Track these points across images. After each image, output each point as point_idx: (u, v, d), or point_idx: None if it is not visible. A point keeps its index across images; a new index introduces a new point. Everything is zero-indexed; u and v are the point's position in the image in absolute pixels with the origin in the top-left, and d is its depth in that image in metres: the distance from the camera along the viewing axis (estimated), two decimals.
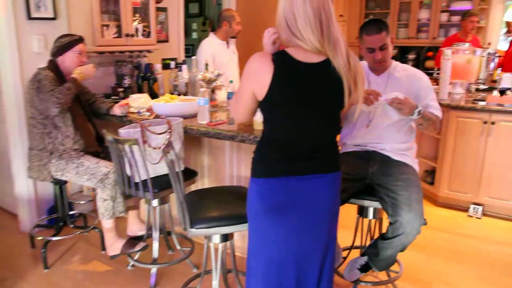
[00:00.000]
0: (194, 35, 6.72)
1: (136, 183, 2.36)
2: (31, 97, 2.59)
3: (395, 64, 2.34)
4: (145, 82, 3.52)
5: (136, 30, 3.58)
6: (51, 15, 3.15)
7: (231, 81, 3.29)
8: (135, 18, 3.56)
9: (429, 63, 6.16)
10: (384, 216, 2.19)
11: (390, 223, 2.01)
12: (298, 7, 1.46)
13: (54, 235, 2.92)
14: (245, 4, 5.25)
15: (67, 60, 2.66)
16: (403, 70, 2.32)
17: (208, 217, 1.94)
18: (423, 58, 6.47)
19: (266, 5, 5.18)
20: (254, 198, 1.65)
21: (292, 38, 1.50)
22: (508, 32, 4.77)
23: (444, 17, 6.21)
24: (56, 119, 2.59)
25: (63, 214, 2.93)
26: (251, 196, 1.67)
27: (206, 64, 3.37)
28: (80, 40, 2.69)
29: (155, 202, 2.54)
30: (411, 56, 6.48)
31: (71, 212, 3.25)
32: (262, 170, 1.62)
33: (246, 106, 1.60)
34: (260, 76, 1.49)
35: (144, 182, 2.33)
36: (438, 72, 3.93)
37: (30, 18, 3.03)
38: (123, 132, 2.32)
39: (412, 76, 2.29)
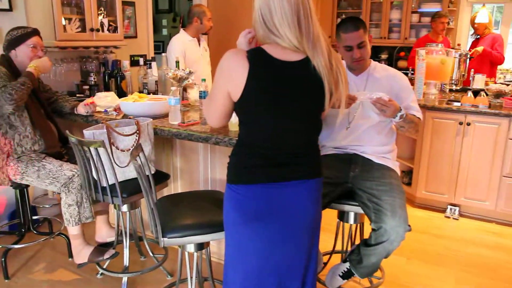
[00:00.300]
0: (164, 32, 6.54)
1: (104, 188, 2.21)
2: None
3: (374, 64, 2.28)
4: (112, 79, 3.35)
5: (102, 24, 3.40)
6: (6, 6, 2.95)
7: (203, 80, 3.15)
8: (100, 12, 3.37)
9: (401, 63, 6.22)
10: (366, 220, 2.12)
11: (373, 230, 1.93)
12: (274, 2, 1.38)
13: (16, 243, 2.73)
14: None
15: (20, 54, 2.47)
16: (382, 71, 2.26)
17: (182, 225, 1.81)
18: (396, 58, 6.52)
19: (238, 1, 5.08)
20: (231, 206, 1.55)
21: (269, 35, 1.42)
22: (475, 33, 4.85)
23: (415, 18, 6.28)
24: (11, 118, 2.40)
25: (25, 220, 2.74)
26: (228, 204, 1.57)
27: (177, 62, 3.23)
28: (33, 32, 2.51)
29: (124, 208, 2.38)
30: (384, 56, 6.52)
31: (35, 217, 3.07)
32: (239, 176, 1.52)
33: (221, 108, 1.49)
34: (235, 75, 1.40)
35: (112, 186, 2.18)
36: (412, 72, 3.93)
37: None
38: (88, 133, 2.16)
39: (392, 76, 2.23)
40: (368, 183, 2.02)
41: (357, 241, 2.20)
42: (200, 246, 1.92)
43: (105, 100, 2.81)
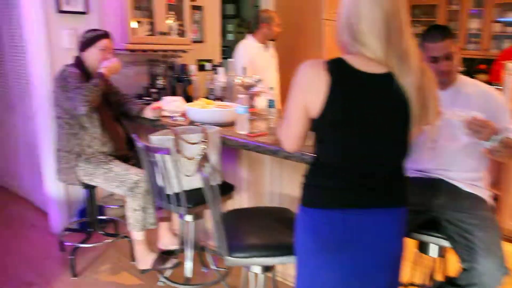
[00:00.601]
0: (230, 37, 6.53)
1: (168, 195, 2.14)
2: (57, 96, 2.44)
3: (464, 78, 2.06)
4: (179, 83, 3.33)
5: (170, 28, 3.38)
6: (82, 9, 3.03)
7: (271, 88, 3.04)
8: (169, 16, 3.36)
9: (481, 77, 5.74)
10: (448, 252, 1.88)
11: (464, 269, 1.70)
12: (364, 8, 1.25)
13: (83, 241, 2.81)
14: (284, 4, 4.97)
15: (91, 56, 2.51)
16: (473, 86, 2.03)
17: (249, 245, 1.70)
18: (474, 70, 6.05)
19: (307, 6, 4.93)
20: (303, 231, 1.42)
21: (353, 42, 1.29)
22: None
23: (496, 27, 5.80)
24: (83, 119, 2.43)
25: (92, 220, 2.81)
26: (300, 228, 1.44)
27: (244, 68, 3.14)
28: (104, 35, 2.53)
29: (189, 217, 2.31)
30: (461, 69, 6.07)
31: (102, 217, 3.11)
32: (314, 199, 1.39)
33: (299, 127, 1.37)
34: (314, 88, 1.28)
35: (177, 195, 2.11)
36: (500, 87, 3.58)
37: (60, 11, 2.91)
38: (155, 139, 2.12)
39: (485, 93, 1.99)
40: (458, 214, 1.79)
41: (438, 277, 1.97)
42: (267, 268, 1.79)
43: (172, 104, 2.78)
